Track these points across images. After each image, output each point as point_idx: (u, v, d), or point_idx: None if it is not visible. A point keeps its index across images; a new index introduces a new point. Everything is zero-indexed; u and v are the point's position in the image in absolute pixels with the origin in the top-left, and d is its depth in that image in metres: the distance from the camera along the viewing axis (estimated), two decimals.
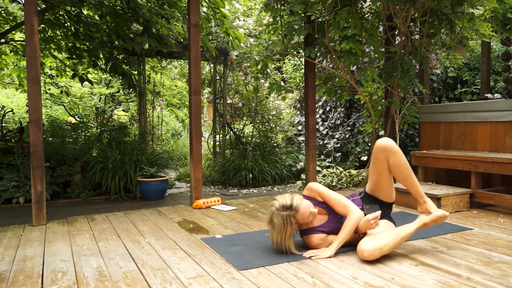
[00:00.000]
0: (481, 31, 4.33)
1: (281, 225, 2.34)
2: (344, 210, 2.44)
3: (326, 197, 2.51)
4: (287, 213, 2.33)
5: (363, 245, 2.30)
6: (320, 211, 2.52)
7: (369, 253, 2.26)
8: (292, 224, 2.35)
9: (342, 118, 6.68)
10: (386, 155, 2.46)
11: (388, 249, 2.30)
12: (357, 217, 2.39)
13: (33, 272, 2.26)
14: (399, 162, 2.46)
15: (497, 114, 4.05)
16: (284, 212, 2.33)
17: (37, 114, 3.31)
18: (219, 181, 5.98)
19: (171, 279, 2.11)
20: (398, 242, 2.35)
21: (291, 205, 2.33)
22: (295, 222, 2.36)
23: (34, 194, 3.32)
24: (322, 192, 2.53)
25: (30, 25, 3.25)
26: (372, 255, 2.26)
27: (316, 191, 2.54)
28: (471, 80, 6.85)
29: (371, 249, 2.26)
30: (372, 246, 2.27)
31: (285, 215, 2.32)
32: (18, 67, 7.31)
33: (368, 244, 2.29)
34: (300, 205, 2.34)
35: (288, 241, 2.39)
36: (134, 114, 7.40)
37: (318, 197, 2.54)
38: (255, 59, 4.70)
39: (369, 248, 2.27)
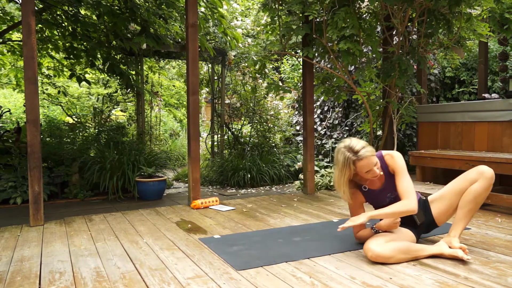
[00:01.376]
0: (479, 31, 4.34)
1: (340, 165, 2.28)
2: (404, 193, 2.31)
3: (398, 171, 2.38)
4: (349, 156, 2.25)
5: (372, 245, 2.25)
6: (381, 178, 2.43)
7: (373, 256, 2.23)
8: (351, 169, 2.27)
9: (340, 118, 6.68)
10: (478, 178, 2.35)
11: (393, 261, 2.24)
12: (409, 208, 2.26)
13: (31, 272, 2.26)
14: (481, 193, 2.33)
15: (494, 114, 4.06)
16: (348, 154, 2.25)
17: (35, 114, 3.30)
18: (217, 181, 5.97)
19: (169, 279, 2.11)
20: (405, 259, 2.28)
21: (357, 151, 2.24)
22: (353, 169, 2.27)
23: (31, 194, 3.31)
24: (398, 166, 2.38)
25: (27, 25, 3.24)
26: (375, 259, 2.24)
27: (395, 161, 2.40)
28: (469, 80, 6.87)
29: (376, 254, 2.22)
30: (379, 251, 2.22)
31: (347, 156, 2.25)
32: (15, 67, 7.29)
33: (377, 247, 2.23)
34: (364, 157, 2.23)
35: (344, 185, 2.32)
36: (132, 114, 7.39)
37: (391, 167, 2.42)
38: (253, 59, 4.70)
39: (375, 251, 2.22)
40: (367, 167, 2.25)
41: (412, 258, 2.30)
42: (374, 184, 2.46)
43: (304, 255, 2.44)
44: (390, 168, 2.43)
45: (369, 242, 2.29)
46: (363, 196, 2.51)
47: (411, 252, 2.30)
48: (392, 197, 2.46)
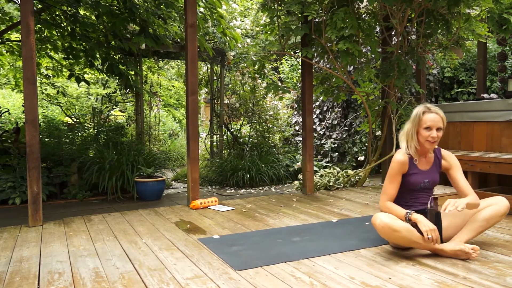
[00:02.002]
0: (477, 31, 4.35)
1: (412, 117, 2.46)
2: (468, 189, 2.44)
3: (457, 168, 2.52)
4: (422, 108, 2.43)
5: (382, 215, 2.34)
6: (428, 161, 2.52)
7: (381, 224, 2.30)
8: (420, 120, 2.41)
9: (339, 118, 6.68)
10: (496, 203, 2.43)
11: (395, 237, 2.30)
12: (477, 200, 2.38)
13: (30, 273, 2.25)
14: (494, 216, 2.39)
15: (493, 114, 4.06)
16: (421, 107, 2.44)
17: (33, 114, 3.30)
18: (216, 181, 5.97)
19: (168, 279, 2.11)
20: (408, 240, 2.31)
21: (429, 107, 2.43)
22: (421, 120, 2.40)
23: (30, 194, 3.31)
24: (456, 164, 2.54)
25: (26, 25, 3.24)
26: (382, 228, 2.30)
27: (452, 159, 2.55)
28: (468, 80, 6.88)
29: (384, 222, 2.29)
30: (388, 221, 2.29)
31: (420, 109, 2.43)
32: (14, 67, 7.28)
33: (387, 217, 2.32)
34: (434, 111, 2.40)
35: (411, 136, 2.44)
36: (131, 115, 7.38)
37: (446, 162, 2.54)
38: (252, 59, 4.71)
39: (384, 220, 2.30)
40: (430, 121, 2.38)
41: (413, 243, 2.33)
42: (421, 163, 2.52)
43: (303, 255, 2.44)
44: (444, 163, 2.55)
45: (380, 213, 2.37)
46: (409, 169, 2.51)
47: (415, 237, 2.31)
48: (427, 185, 2.52)
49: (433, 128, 2.39)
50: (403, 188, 2.54)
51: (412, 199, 2.54)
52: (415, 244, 2.35)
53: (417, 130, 2.44)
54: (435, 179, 2.54)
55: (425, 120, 2.40)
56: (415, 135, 2.45)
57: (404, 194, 2.54)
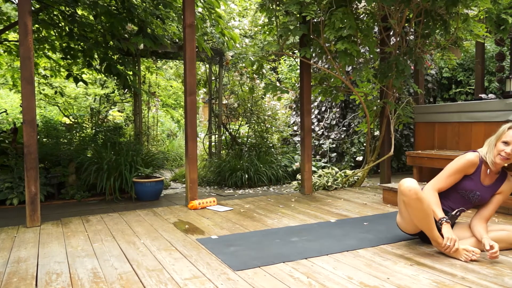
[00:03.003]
0: (475, 31, 4.36)
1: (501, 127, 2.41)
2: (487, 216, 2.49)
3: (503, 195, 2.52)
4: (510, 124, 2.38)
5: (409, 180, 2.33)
6: (490, 179, 2.49)
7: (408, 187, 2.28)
8: (503, 133, 2.37)
9: (338, 119, 6.69)
10: None
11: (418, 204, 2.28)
12: None
13: (27, 274, 2.25)
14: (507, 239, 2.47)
15: (491, 114, 4.07)
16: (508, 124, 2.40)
17: (31, 114, 3.29)
18: (214, 181, 5.97)
19: (167, 280, 2.11)
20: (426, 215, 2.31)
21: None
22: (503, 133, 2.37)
23: (28, 195, 3.30)
24: (507, 194, 2.52)
25: (24, 25, 3.23)
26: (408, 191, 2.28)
27: (509, 190, 2.52)
28: (466, 80, 6.89)
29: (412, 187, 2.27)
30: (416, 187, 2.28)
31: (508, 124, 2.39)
32: (12, 67, 7.27)
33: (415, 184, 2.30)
34: None
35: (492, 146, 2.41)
36: (129, 115, 7.37)
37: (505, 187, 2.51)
38: (251, 60, 4.70)
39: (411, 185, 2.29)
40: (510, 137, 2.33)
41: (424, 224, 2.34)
42: (486, 178, 2.49)
43: (302, 255, 2.44)
44: (503, 186, 2.51)
45: (409, 178, 2.36)
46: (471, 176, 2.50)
47: (429, 218, 2.32)
48: (475, 198, 2.49)
49: (510, 144, 2.33)
50: (459, 194, 2.51)
51: (451, 199, 2.51)
52: (426, 225, 2.34)
53: (496, 142, 2.40)
54: (486, 198, 2.50)
55: (506, 135, 2.36)
56: (493, 146, 2.41)
57: (450, 191, 2.52)
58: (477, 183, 2.47)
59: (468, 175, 2.47)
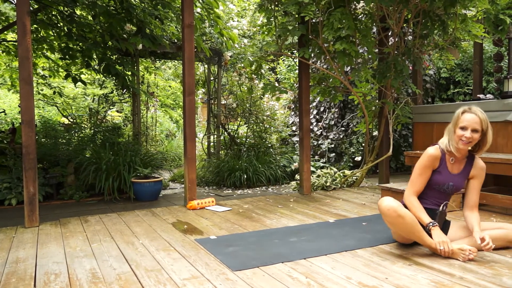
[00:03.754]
0: (474, 32, 4.37)
1: (455, 114, 2.45)
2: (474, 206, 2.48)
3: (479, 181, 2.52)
4: (464, 108, 2.42)
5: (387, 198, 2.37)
6: (459, 166, 2.51)
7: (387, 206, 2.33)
8: (458, 119, 2.40)
9: (336, 119, 6.70)
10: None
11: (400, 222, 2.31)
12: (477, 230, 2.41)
13: (26, 274, 2.24)
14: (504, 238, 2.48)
15: (489, 114, 4.06)
16: (465, 107, 2.42)
17: (30, 115, 3.29)
18: (213, 182, 5.97)
19: (165, 280, 2.11)
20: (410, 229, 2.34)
21: (471, 108, 2.41)
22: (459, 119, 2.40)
23: (26, 195, 3.29)
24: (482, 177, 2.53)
25: (22, 25, 3.23)
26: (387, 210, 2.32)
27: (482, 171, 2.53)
28: (464, 80, 6.91)
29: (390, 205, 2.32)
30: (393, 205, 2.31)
31: (462, 109, 2.42)
32: (10, 67, 7.25)
33: (393, 201, 2.34)
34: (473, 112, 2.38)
35: (451, 133, 2.44)
36: (128, 115, 7.37)
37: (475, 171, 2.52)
38: (249, 60, 4.71)
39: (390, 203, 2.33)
40: (467, 121, 2.36)
41: (413, 235, 2.36)
42: (453, 167, 2.50)
43: (300, 255, 2.44)
44: (473, 172, 2.52)
45: (387, 197, 2.39)
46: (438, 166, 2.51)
47: (416, 228, 2.34)
48: (449, 189, 2.50)
49: (468, 128, 2.36)
50: (432, 186, 2.53)
51: (429, 197, 2.53)
52: (414, 236, 2.36)
53: (454, 129, 2.43)
54: (460, 185, 2.52)
55: (462, 120, 2.39)
56: (453, 133, 2.44)
57: (424, 189, 2.54)
58: (446, 174, 2.49)
59: (436, 169, 2.49)
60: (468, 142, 2.37)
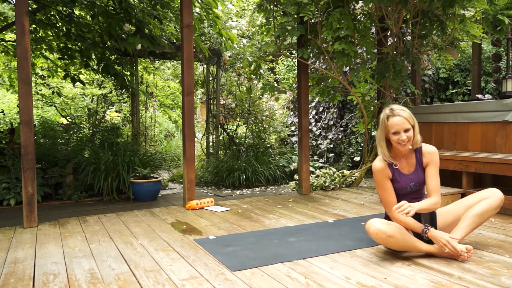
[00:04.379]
0: (472, 32, 4.37)
1: (380, 121, 2.41)
2: (434, 190, 2.40)
3: (433, 166, 2.45)
4: (387, 112, 2.38)
5: (375, 221, 2.30)
6: (410, 163, 2.47)
7: (375, 230, 2.27)
8: (386, 127, 2.37)
9: (335, 119, 6.70)
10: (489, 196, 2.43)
11: (391, 242, 2.28)
12: (437, 206, 2.36)
13: (24, 274, 2.24)
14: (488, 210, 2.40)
15: (487, 114, 4.08)
16: (387, 111, 2.39)
17: (28, 115, 3.28)
18: (212, 182, 5.97)
19: (164, 280, 2.10)
20: (402, 244, 2.31)
21: (394, 110, 2.37)
22: (387, 126, 2.36)
23: (25, 196, 3.29)
24: (434, 162, 2.45)
25: (21, 25, 3.22)
26: (376, 234, 2.27)
27: (432, 156, 2.45)
28: (462, 81, 6.92)
29: (378, 228, 2.26)
30: (381, 227, 2.27)
31: (384, 113, 2.39)
32: (9, 67, 7.24)
33: (380, 224, 2.28)
34: (397, 114, 2.34)
35: (381, 142, 2.41)
36: (126, 115, 7.37)
37: (426, 160, 2.46)
38: (248, 60, 4.70)
39: (377, 226, 2.27)
40: (395, 125, 2.33)
41: (409, 246, 2.33)
42: (403, 166, 2.48)
43: (299, 255, 2.44)
44: (425, 161, 2.47)
45: (372, 219, 2.34)
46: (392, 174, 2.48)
47: (410, 240, 2.33)
48: (413, 188, 2.48)
49: (400, 131, 2.33)
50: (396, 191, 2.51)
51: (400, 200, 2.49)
52: (410, 248, 2.35)
53: (386, 136, 2.40)
54: (420, 180, 2.49)
55: (391, 125, 2.35)
56: (384, 141, 2.41)
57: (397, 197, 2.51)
58: (403, 177, 2.47)
59: (392, 178, 2.47)
60: (406, 142, 2.35)
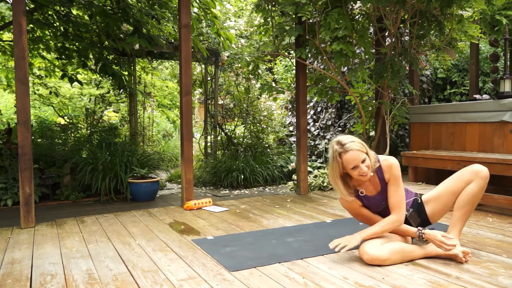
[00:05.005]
0: (470, 32, 4.38)
1: (330, 159, 2.28)
2: (393, 207, 2.33)
3: (392, 182, 2.35)
4: (337, 148, 2.24)
5: (367, 247, 2.25)
6: (374, 183, 2.39)
7: (368, 258, 2.23)
8: (339, 164, 2.23)
9: (333, 119, 6.70)
10: (473, 178, 2.36)
11: (388, 263, 2.24)
12: (397, 224, 2.31)
13: (22, 275, 2.23)
14: (477, 193, 2.35)
15: (485, 114, 4.10)
16: (336, 146, 2.25)
17: (26, 115, 3.27)
18: (210, 182, 5.96)
19: (162, 281, 2.10)
20: (400, 260, 2.28)
21: (344, 144, 2.22)
22: (341, 163, 2.23)
23: (22, 196, 3.28)
24: (393, 176, 2.34)
25: (18, 25, 3.21)
26: (371, 262, 2.23)
27: (391, 170, 2.34)
28: (460, 81, 6.93)
29: (371, 256, 2.22)
30: (374, 253, 2.22)
31: (335, 149, 2.25)
32: (6, 67, 7.22)
33: (372, 249, 2.23)
34: (350, 149, 2.20)
35: (336, 180, 2.29)
36: (124, 115, 7.35)
37: (387, 174, 2.36)
38: (246, 60, 4.70)
39: (371, 254, 2.22)
40: (352, 161, 2.20)
41: (407, 259, 2.29)
42: (369, 189, 2.42)
43: (297, 255, 2.44)
44: (386, 176, 2.37)
45: (364, 245, 2.28)
46: (361, 201, 2.46)
47: (406, 253, 2.30)
48: (386, 204, 2.43)
49: (358, 164, 2.21)
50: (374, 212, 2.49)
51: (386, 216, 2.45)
52: (409, 260, 2.31)
53: (341, 173, 2.28)
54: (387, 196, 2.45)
55: (346, 162, 2.21)
56: (339, 178, 2.28)
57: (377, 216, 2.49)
58: (372, 200, 2.43)
59: (363, 204, 2.44)
60: (367, 171, 2.23)
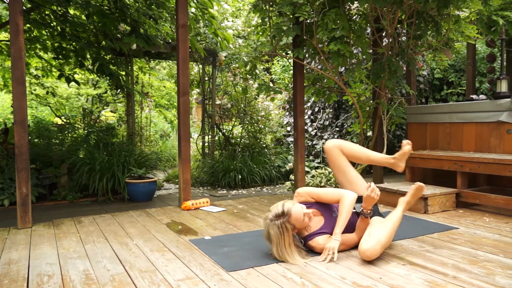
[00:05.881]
0: (467, 33, 4.39)
1: (278, 235, 2.27)
2: (337, 198, 2.44)
3: (316, 195, 2.53)
4: (281, 220, 2.28)
5: (364, 245, 2.27)
6: (315, 213, 2.51)
7: (371, 250, 2.24)
8: (289, 231, 2.29)
9: (331, 119, 6.71)
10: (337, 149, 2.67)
11: (387, 240, 2.30)
12: (350, 197, 2.40)
13: (18, 275, 2.23)
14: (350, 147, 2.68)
15: (482, 115, 4.11)
16: (278, 221, 2.28)
17: (22, 115, 3.26)
18: (208, 182, 5.96)
19: (159, 281, 2.10)
20: (392, 231, 2.36)
21: (283, 211, 2.30)
22: (291, 228, 2.31)
23: (19, 196, 3.27)
24: (311, 192, 2.55)
25: (15, 24, 3.20)
26: (375, 251, 2.24)
27: (305, 193, 2.56)
28: (457, 81, 6.96)
29: (372, 246, 2.24)
30: (372, 243, 2.25)
31: (280, 223, 2.27)
32: (3, 67, 7.19)
33: (367, 242, 2.27)
34: (291, 209, 2.31)
35: (289, 249, 2.29)
36: (122, 115, 7.34)
37: (310, 198, 2.55)
38: (244, 60, 4.70)
39: (370, 245, 2.24)
40: (300, 214, 2.31)
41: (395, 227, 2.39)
42: (316, 221, 2.49)
43: None
44: (309, 200, 2.55)
45: (361, 245, 2.30)
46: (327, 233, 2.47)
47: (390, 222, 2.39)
48: (337, 212, 2.50)
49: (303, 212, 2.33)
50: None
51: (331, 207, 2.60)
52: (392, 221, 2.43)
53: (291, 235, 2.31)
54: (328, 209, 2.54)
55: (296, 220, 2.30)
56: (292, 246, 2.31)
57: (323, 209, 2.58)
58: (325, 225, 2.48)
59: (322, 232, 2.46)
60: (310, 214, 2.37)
